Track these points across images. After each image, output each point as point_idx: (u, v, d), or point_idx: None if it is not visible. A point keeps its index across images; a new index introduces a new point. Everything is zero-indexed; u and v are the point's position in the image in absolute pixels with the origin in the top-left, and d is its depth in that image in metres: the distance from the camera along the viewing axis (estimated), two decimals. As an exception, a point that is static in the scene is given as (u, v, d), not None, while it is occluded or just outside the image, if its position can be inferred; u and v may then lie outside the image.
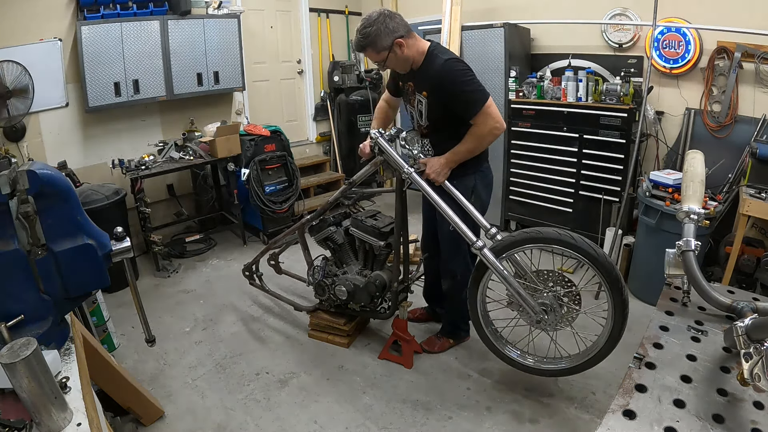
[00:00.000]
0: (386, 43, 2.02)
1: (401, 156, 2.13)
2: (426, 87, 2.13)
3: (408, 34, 2.06)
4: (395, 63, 2.11)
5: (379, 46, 2.03)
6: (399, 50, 2.05)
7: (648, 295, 2.91)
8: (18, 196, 1.18)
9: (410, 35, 2.07)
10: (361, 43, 2.05)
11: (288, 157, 4.13)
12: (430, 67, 2.08)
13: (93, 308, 2.45)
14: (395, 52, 2.05)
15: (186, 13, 3.88)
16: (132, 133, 4.02)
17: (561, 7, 3.87)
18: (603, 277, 1.84)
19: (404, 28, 2.05)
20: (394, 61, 2.10)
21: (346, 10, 5.55)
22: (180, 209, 4.28)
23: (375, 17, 2.01)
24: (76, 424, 1.05)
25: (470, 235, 1.96)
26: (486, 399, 2.22)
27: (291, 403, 2.24)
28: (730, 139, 3.17)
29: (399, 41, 2.03)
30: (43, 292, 1.29)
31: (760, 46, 2.92)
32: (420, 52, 2.10)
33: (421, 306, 2.88)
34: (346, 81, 5.19)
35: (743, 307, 1.29)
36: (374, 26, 2.00)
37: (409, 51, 2.07)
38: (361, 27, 2.04)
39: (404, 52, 2.06)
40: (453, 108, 2.08)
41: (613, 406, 1.04)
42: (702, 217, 1.47)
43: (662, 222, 2.79)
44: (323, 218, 2.60)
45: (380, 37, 2.01)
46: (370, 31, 2.01)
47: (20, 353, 0.96)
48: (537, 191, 3.84)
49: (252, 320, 2.96)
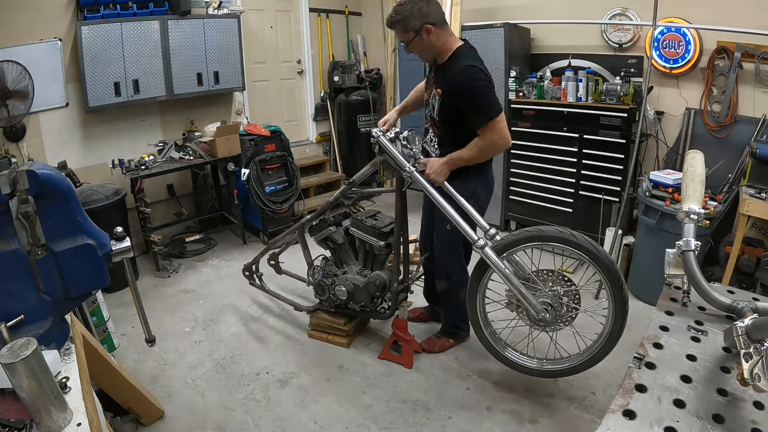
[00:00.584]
0: (416, 24, 2.01)
1: (402, 155, 2.13)
2: (442, 85, 2.13)
3: (441, 24, 2.05)
4: (419, 47, 2.10)
5: (408, 25, 2.02)
6: (426, 36, 2.03)
7: (648, 295, 2.91)
8: (18, 196, 1.18)
9: (443, 26, 2.07)
10: (393, 19, 2.05)
11: (288, 157, 4.13)
12: (451, 68, 2.08)
13: (93, 308, 2.45)
14: (422, 36, 2.03)
15: (186, 13, 3.87)
16: (132, 133, 4.02)
17: (561, 7, 3.87)
18: (603, 274, 1.84)
19: (438, 17, 2.04)
20: (419, 45, 2.08)
21: (346, 10, 5.55)
22: (180, 209, 4.28)
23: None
24: (76, 424, 1.05)
25: (472, 234, 1.97)
26: (486, 399, 2.22)
27: (291, 403, 2.24)
28: (730, 139, 3.17)
29: (428, 27, 2.01)
30: (43, 292, 1.29)
31: (760, 46, 2.92)
32: (447, 48, 2.09)
33: (422, 306, 2.88)
34: (346, 81, 5.20)
35: (743, 307, 1.29)
36: (409, 5, 2.00)
37: (436, 41, 2.05)
38: (397, 3, 2.04)
39: (430, 40, 2.04)
40: (462, 113, 2.07)
41: (613, 406, 1.04)
42: (702, 217, 1.47)
43: (662, 222, 2.79)
44: (323, 218, 2.60)
45: (412, 16, 2.00)
46: (403, 9, 2.01)
47: (20, 353, 0.96)
48: (537, 191, 3.85)
49: (252, 320, 2.96)
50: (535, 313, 1.93)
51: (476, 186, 2.24)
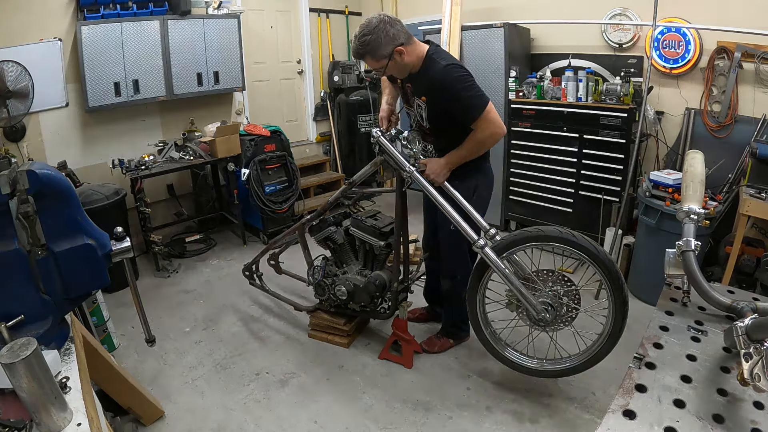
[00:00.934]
0: (386, 51, 1.97)
1: (402, 155, 2.12)
2: (425, 92, 2.10)
3: (408, 41, 2.01)
4: (394, 70, 2.07)
5: (378, 54, 1.98)
6: (399, 58, 1.99)
7: (648, 295, 2.91)
8: (18, 196, 1.18)
9: (410, 41, 2.03)
10: (360, 51, 2.00)
11: (288, 157, 4.13)
12: (429, 72, 2.04)
13: (93, 308, 2.45)
14: (395, 59, 1.99)
15: (186, 13, 3.88)
16: (132, 133, 4.03)
17: (561, 7, 3.87)
18: (603, 273, 1.84)
19: (405, 36, 2.00)
20: (393, 68, 2.05)
21: (346, 10, 5.55)
22: (180, 209, 4.28)
23: (375, 24, 1.94)
24: (76, 424, 1.05)
25: (472, 234, 1.97)
26: (486, 399, 2.22)
27: (291, 403, 2.24)
28: (730, 139, 3.17)
29: (399, 49, 1.97)
30: (43, 292, 1.29)
31: (760, 46, 2.92)
32: (419, 57, 2.05)
33: (422, 306, 2.88)
34: (346, 81, 5.20)
35: (743, 307, 1.29)
36: (374, 34, 1.93)
37: (409, 58, 2.02)
38: (359, 34, 1.97)
39: (404, 60, 2.01)
40: (453, 113, 2.05)
41: (613, 406, 1.04)
42: (702, 217, 1.47)
43: (662, 222, 2.79)
44: (323, 218, 2.60)
45: (380, 45, 1.95)
46: (369, 39, 1.95)
47: (20, 353, 0.96)
48: (537, 191, 3.84)
49: (252, 320, 2.96)
50: (535, 313, 1.94)
51: (477, 182, 2.23)
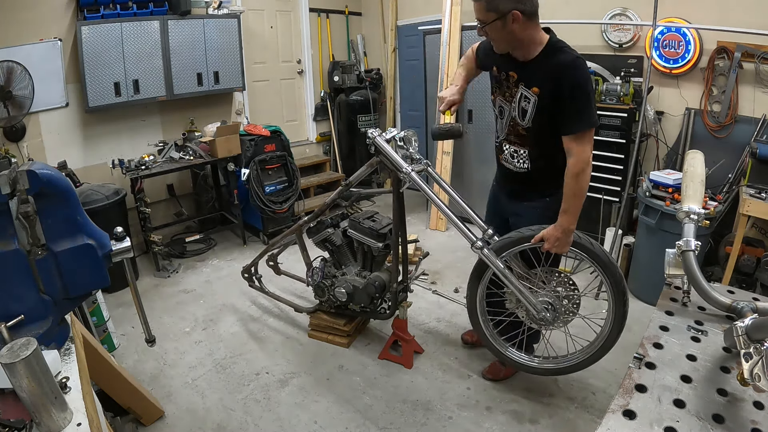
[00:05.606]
0: (504, 7, 1.68)
1: (399, 156, 2.10)
2: (540, 82, 1.80)
3: (531, 16, 1.73)
4: (497, 33, 1.76)
5: (493, 4, 1.69)
6: (510, 23, 1.70)
7: (648, 295, 2.91)
8: (18, 196, 1.18)
9: (533, 19, 1.75)
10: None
11: (288, 157, 4.13)
12: (553, 60, 1.76)
13: (93, 308, 2.45)
14: (506, 21, 1.70)
15: (186, 13, 3.88)
16: (132, 133, 4.03)
17: (561, 7, 3.87)
18: (603, 273, 1.85)
19: (531, 7, 1.72)
20: (497, 31, 1.75)
21: (346, 10, 5.55)
22: (180, 209, 4.28)
23: None
24: (76, 424, 1.05)
25: (470, 235, 1.96)
26: (486, 399, 2.22)
27: (291, 403, 2.24)
28: (730, 139, 3.17)
29: (517, 14, 1.68)
30: (43, 292, 1.29)
31: (760, 46, 2.92)
32: (535, 41, 1.79)
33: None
34: (346, 81, 5.20)
35: (743, 307, 1.29)
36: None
37: (520, 32, 1.73)
38: None
39: (514, 29, 1.72)
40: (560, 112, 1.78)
41: (613, 406, 1.04)
42: (702, 217, 1.47)
43: (662, 222, 2.79)
44: (321, 220, 2.59)
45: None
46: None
47: (20, 353, 0.96)
48: (537, 191, 3.84)
49: (252, 320, 2.96)
50: (536, 313, 1.93)
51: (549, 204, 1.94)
